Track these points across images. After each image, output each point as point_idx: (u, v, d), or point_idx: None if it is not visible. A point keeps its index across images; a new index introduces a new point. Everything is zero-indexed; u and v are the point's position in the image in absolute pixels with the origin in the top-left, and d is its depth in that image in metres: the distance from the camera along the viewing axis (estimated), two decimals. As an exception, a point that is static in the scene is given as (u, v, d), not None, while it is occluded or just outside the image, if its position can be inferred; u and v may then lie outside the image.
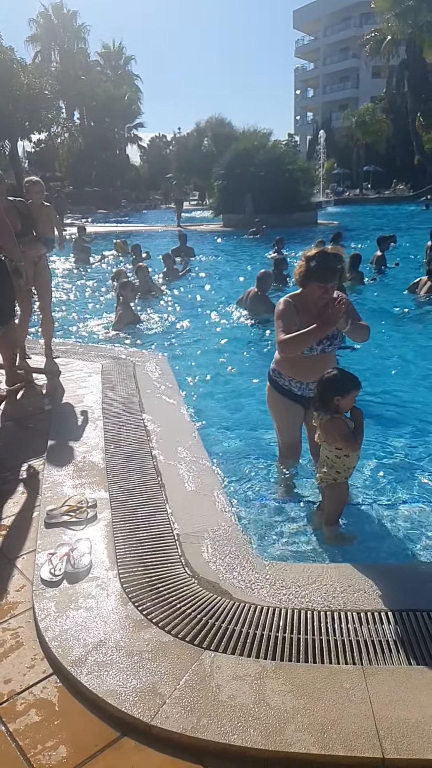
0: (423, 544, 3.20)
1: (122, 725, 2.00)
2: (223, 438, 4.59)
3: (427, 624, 2.39)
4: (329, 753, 1.86)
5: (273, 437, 4.35)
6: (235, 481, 3.91)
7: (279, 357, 3.58)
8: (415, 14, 38.17)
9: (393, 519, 3.44)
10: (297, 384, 3.51)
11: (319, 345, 3.37)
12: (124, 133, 53.17)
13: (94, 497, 3.39)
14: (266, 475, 3.96)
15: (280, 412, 3.70)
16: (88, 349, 6.80)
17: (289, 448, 3.83)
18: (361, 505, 3.57)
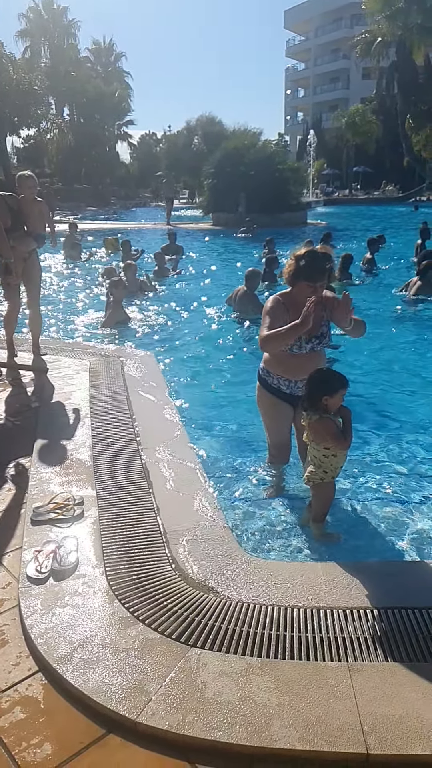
0: (408, 542, 3.23)
1: (108, 722, 2.00)
2: (212, 437, 4.59)
3: (411, 621, 2.41)
4: (314, 749, 1.87)
5: (262, 436, 4.35)
6: (223, 479, 3.92)
7: (267, 355, 3.59)
8: (406, 16, 38.37)
9: (379, 517, 3.46)
10: (286, 382, 3.52)
11: (308, 343, 3.38)
12: (114, 130, 52.89)
13: (81, 495, 3.38)
14: (254, 474, 3.97)
15: (269, 411, 3.71)
16: (76, 347, 6.78)
17: (278, 447, 3.83)
18: (347, 504, 3.58)
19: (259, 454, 4.20)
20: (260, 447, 4.26)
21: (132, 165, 59.51)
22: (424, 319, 8.64)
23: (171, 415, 4.62)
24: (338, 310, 3.23)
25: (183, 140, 45.23)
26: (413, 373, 6.25)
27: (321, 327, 3.40)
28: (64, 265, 14.51)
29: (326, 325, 3.43)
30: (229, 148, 25.32)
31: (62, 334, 8.08)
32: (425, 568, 2.86)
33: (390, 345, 7.27)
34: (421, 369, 6.39)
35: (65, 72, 46.84)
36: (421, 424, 4.88)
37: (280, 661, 2.23)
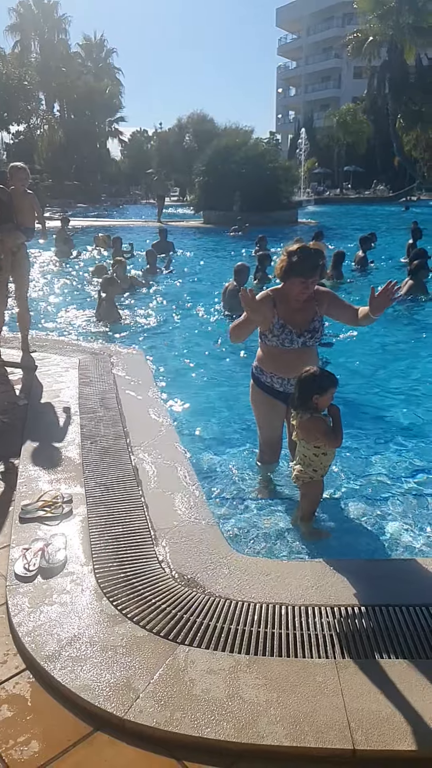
0: (396, 540, 3.25)
1: (96, 720, 2.00)
2: (201, 434, 4.60)
3: (398, 618, 2.43)
4: (301, 745, 1.88)
5: (251, 435, 4.37)
6: (212, 477, 3.93)
7: (260, 353, 3.60)
8: (397, 16, 38.46)
9: (368, 515, 3.48)
10: (279, 380, 3.52)
11: (300, 338, 3.39)
12: (104, 127, 52.64)
13: (70, 492, 3.37)
14: (244, 473, 3.98)
15: (262, 408, 3.70)
16: (66, 344, 6.75)
17: (269, 445, 3.83)
18: (336, 502, 3.60)
19: (248, 452, 4.21)
20: (250, 445, 4.28)
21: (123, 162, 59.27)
22: (415, 318, 8.69)
23: (160, 413, 4.62)
24: (381, 296, 3.18)
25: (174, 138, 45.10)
26: (405, 373, 6.29)
27: (312, 322, 3.41)
28: (54, 262, 14.42)
29: (319, 320, 3.44)
30: (220, 146, 25.28)
31: (52, 331, 8.03)
32: (413, 566, 2.88)
33: (382, 344, 7.31)
34: (412, 369, 6.42)
35: (55, 67, 46.56)
36: (410, 423, 4.92)
37: (268, 658, 2.24)
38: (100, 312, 8.28)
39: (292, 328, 3.38)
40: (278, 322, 3.39)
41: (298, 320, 3.39)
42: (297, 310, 3.39)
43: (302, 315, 3.40)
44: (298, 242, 3.47)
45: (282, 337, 3.39)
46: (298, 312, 3.39)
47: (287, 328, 3.38)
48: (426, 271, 9.76)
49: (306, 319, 3.40)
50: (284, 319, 3.38)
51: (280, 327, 3.39)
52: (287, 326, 3.38)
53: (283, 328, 3.38)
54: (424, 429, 4.78)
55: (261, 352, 3.60)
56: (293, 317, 3.39)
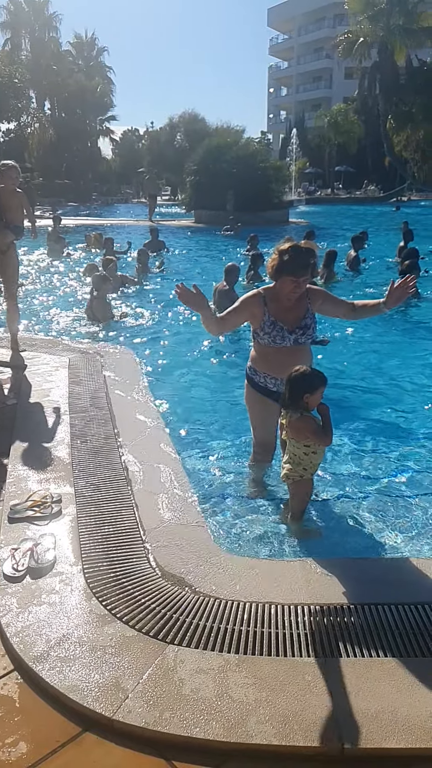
0: (385, 539, 3.26)
1: (84, 720, 2.00)
2: (192, 434, 4.59)
3: (387, 616, 2.44)
4: (290, 744, 1.88)
5: (242, 434, 4.38)
6: (203, 476, 3.92)
7: (253, 353, 3.60)
8: (388, 17, 38.63)
9: (357, 514, 3.49)
10: (272, 380, 3.51)
11: (291, 335, 3.39)
12: (95, 126, 52.47)
13: (59, 492, 3.35)
14: (234, 472, 3.97)
15: (256, 408, 3.68)
16: (56, 343, 6.72)
17: (263, 446, 3.80)
18: (326, 501, 3.61)
19: (239, 452, 4.21)
20: (241, 445, 4.28)
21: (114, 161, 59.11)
22: (405, 318, 8.72)
23: (151, 412, 4.61)
24: (399, 288, 3.29)
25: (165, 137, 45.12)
26: (393, 372, 6.30)
27: (304, 319, 3.41)
28: (46, 260, 14.36)
29: (311, 317, 3.44)
30: (211, 146, 25.28)
31: (41, 330, 7.99)
32: (402, 565, 2.89)
33: (371, 344, 7.33)
34: (401, 368, 6.44)
35: (46, 66, 46.31)
36: (399, 423, 4.94)
37: (258, 657, 2.24)
38: (93, 310, 8.24)
39: (283, 325, 3.38)
40: (269, 319, 3.39)
41: (289, 318, 3.40)
42: (289, 308, 3.40)
43: (294, 313, 3.41)
44: (289, 241, 3.48)
45: (273, 334, 3.40)
46: (289, 310, 3.40)
47: (278, 325, 3.38)
48: (417, 271, 9.79)
49: (298, 317, 3.41)
50: (275, 317, 3.39)
51: (271, 324, 3.39)
52: (278, 323, 3.38)
53: (274, 325, 3.39)
54: (414, 429, 4.80)
55: (254, 351, 3.60)
56: (285, 315, 3.40)
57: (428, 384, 5.86)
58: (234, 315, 3.50)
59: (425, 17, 38.62)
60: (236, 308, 3.50)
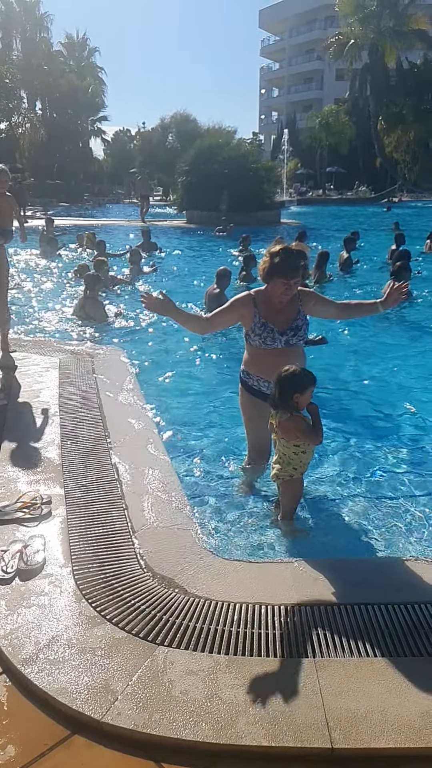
0: (375, 539, 3.27)
1: (73, 723, 1.99)
2: (183, 435, 4.58)
3: (377, 616, 2.44)
4: (279, 745, 1.88)
5: (233, 435, 4.38)
6: (194, 478, 3.92)
7: (246, 356, 3.59)
8: (378, 20, 38.83)
9: (347, 514, 3.50)
10: (265, 383, 3.48)
11: (282, 336, 3.39)
12: (87, 126, 52.35)
13: (49, 493, 3.34)
14: (225, 473, 3.97)
15: (250, 412, 3.65)
16: (46, 344, 6.69)
17: (257, 450, 3.76)
18: (316, 501, 3.61)
19: (230, 453, 4.21)
20: (232, 446, 4.29)
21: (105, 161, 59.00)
22: (395, 319, 8.75)
23: (142, 413, 4.60)
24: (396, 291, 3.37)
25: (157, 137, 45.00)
26: (383, 372, 6.32)
27: (295, 321, 3.41)
28: (37, 261, 14.30)
29: (302, 319, 3.45)
30: (203, 146, 25.30)
31: (32, 331, 7.96)
32: (392, 564, 2.91)
33: (361, 344, 7.34)
34: (391, 368, 6.46)
35: (37, 66, 46.13)
36: (389, 422, 4.95)
37: (248, 658, 2.24)
38: (85, 311, 8.22)
39: (273, 326, 3.39)
40: (259, 320, 3.40)
41: (280, 320, 3.40)
42: (280, 310, 3.40)
43: (285, 315, 3.41)
44: (280, 243, 3.49)
45: (264, 336, 3.40)
46: (280, 312, 3.40)
47: (269, 327, 3.39)
48: (408, 272, 9.83)
49: (289, 318, 3.41)
50: (266, 318, 3.39)
51: (261, 325, 3.40)
52: (269, 324, 3.39)
53: (265, 327, 3.39)
54: (403, 428, 4.81)
55: (247, 354, 3.60)
56: (275, 317, 3.40)
57: (417, 385, 5.88)
58: (223, 314, 3.51)
59: (415, 20, 38.87)
60: (226, 308, 3.51)
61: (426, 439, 4.59)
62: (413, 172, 42.14)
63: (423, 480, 3.91)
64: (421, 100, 39.23)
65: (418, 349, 7.20)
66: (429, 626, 2.38)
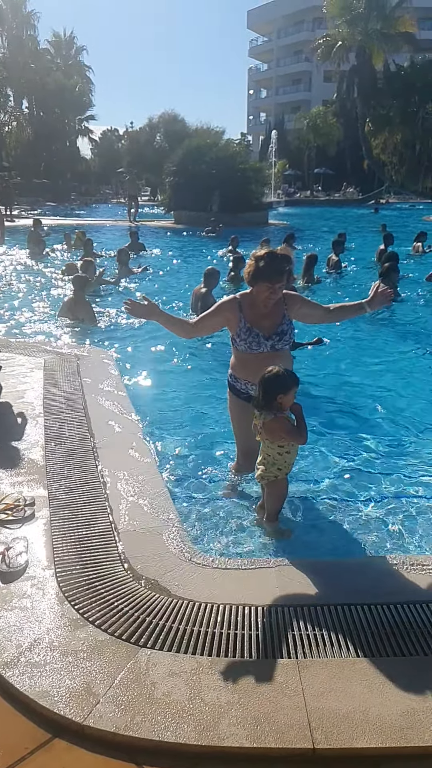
0: (359, 539, 3.28)
1: (54, 726, 1.97)
2: (168, 436, 4.57)
3: (360, 617, 2.45)
4: (261, 746, 1.89)
5: (219, 437, 4.38)
6: (178, 479, 3.91)
7: (233, 360, 3.59)
8: (365, 22, 39.01)
9: (331, 515, 3.51)
10: (253, 387, 3.47)
11: (268, 341, 3.39)
12: (74, 125, 52.06)
13: (33, 495, 3.32)
14: (210, 474, 3.97)
15: (238, 416, 3.63)
16: (31, 344, 6.65)
17: (245, 453, 3.74)
18: (301, 501, 3.62)
19: (215, 453, 4.21)
20: (218, 448, 4.29)
21: (93, 161, 58.71)
22: (383, 319, 8.80)
23: (127, 414, 4.58)
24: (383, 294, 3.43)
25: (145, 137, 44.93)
26: (370, 373, 6.36)
27: (281, 325, 3.41)
28: (24, 262, 14.21)
29: (287, 323, 3.45)
30: (191, 147, 25.27)
31: (18, 331, 7.90)
32: (376, 564, 2.92)
33: (349, 344, 7.37)
34: (378, 369, 6.49)
35: (24, 63, 45.78)
36: (374, 422, 4.97)
37: (231, 659, 2.24)
38: (73, 311, 8.19)
39: (258, 331, 3.38)
40: (245, 325, 3.39)
41: (265, 324, 3.40)
42: (265, 314, 3.40)
43: (270, 319, 3.41)
44: (266, 247, 3.49)
45: (249, 341, 3.39)
46: (266, 316, 3.40)
47: (254, 331, 3.38)
48: (396, 273, 9.88)
49: (274, 323, 3.41)
50: (251, 323, 3.39)
51: (247, 330, 3.39)
52: (254, 329, 3.38)
53: (250, 332, 3.39)
54: (389, 428, 4.84)
55: (234, 359, 3.59)
56: (261, 321, 3.40)
57: (403, 385, 5.92)
58: (208, 319, 3.50)
59: (402, 22, 39.12)
60: (211, 312, 3.50)
61: (411, 439, 4.62)
62: (400, 173, 42.41)
63: (407, 481, 3.94)
64: (408, 103, 39.51)
65: (404, 349, 7.25)
66: (411, 626, 2.39)
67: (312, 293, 9.89)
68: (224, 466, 4.04)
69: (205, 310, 3.61)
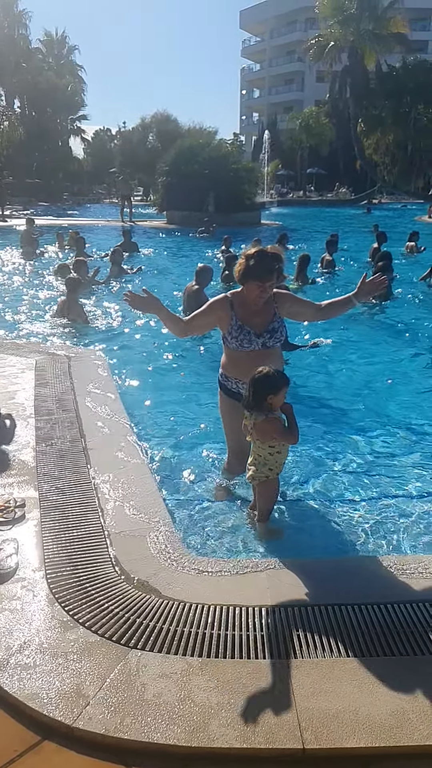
0: (351, 540, 3.29)
1: (44, 729, 1.97)
2: (160, 437, 4.56)
3: (351, 617, 2.46)
4: (251, 746, 1.88)
5: (211, 438, 4.37)
6: (170, 480, 3.90)
7: (224, 359, 3.58)
8: (357, 22, 39.13)
9: (323, 514, 3.52)
10: (244, 386, 3.46)
11: (259, 338, 3.39)
12: (66, 125, 51.92)
13: (23, 496, 3.31)
14: (201, 475, 3.97)
15: (229, 415, 3.62)
16: (22, 345, 6.62)
17: (236, 453, 3.72)
18: (291, 501, 3.62)
19: (206, 454, 4.21)
20: (209, 448, 4.28)
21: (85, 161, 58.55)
22: (377, 319, 8.83)
23: (119, 415, 4.57)
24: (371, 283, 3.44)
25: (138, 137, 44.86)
26: (362, 373, 6.37)
27: (272, 323, 3.42)
28: (17, 261, 14.15)
29: (278, 321, 3.45)
30: (183, 147, 25.27)
31: (9, 331, 7.87)
32: (366, 564, 2.92)
33: (344, 346, 7.37)
34: (371, 369, 6.51)
35: (16, 63, 45.59)
36: (365, 422, 4.98)
37: (221, 660, 2.24)
38: (65, 312, 8.16)
39: (250, 329, 3.39)
40: (236, 323, 3.39)
41: (257, 322, 3.40)
42: (256, 312, 3.40)
43: (261, 317, 3.41)
44: (257, 245, 3.49)
45: (240, 338, 3.40)
46: (257, 314, 3.41)
47: (245, 329, 3.39)
48: (390, 272, 9.91)
49: (265, 321, 3.41)
50: (243, 320, 3.39)
51: (238, 328, 3.40)
52: (245, 327, 3.39)
53: (241, 329, 3.39)
54: (381, 428, 4.84)
55: (225, 357, 3.59)
56: (252, 319, 3.40)
57: (395, 385, 5.94)
58: (201, 317, 3.50)
59: (394, 23, 39.27)
60: (203, 310, 3.50)
61: (402, 440, 4.63)
62: (392, 174, 42.56)
63: (399, 481, 3.95)
64: (400, 103, 39.66)
65: (398, 349, 7.27)
66: (401, 626, 2.40)
67: (305, 294, 9.90)
68: (216, 466, 4.04)
69: (197, 308, 3.60)
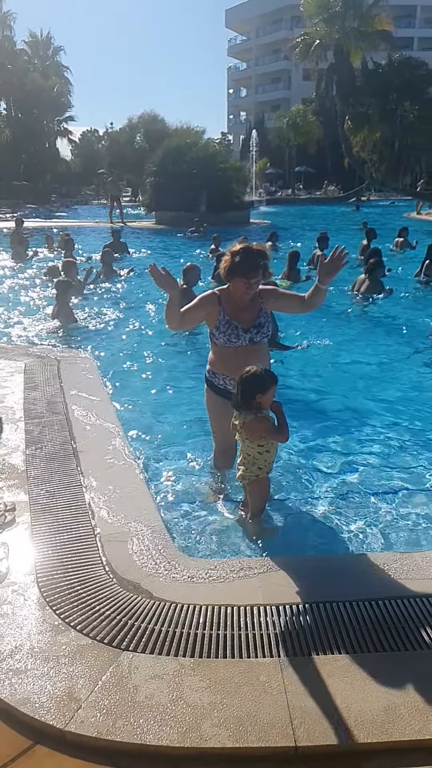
0: (342, 537, 3.30)
1: (35, 733, 1.97)
2: (150, 439, 4.55)
3: (342, 613, 2.47)
4: (244, 745, 1.89)
5: (201, 439, 4.37)
6: (160, 481, 3.90)
7: (211, 356, 3.59)
8: (342, 20, 39.14)
9: (314, 512, 3.53)
10: (231, 382, 3.47)
11: (247, 333, 3.40)
12: (53, 126, 51.68)
13: (13, 500, 3.29)
14: (191, 476, 3.96)
15: (216, 412, 3.63)
16: (11, 348, 6.60)
17: (223, 451, 3.76)
18: (282, 500, 3.63)
19: (198, 455, 4.20)
20: (199, 448, 4.27)
21: (73, 162, 58.33)
22: (370, 316, 8.86)
23: (109, 417, 4.56)
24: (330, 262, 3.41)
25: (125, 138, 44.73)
26: (354, 370, 6.39)
27: (258, 318, 3.43)
28: (7, 264, 14.08)
29: (265, 317, 3.47)
30: (171, 146, 25.22)
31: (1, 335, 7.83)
32: (357, 562, 2.94)
33: (336, 342, 7.38)
34: (363, 366, 6.52)
35: (1, 65, 45.36)
36: (356, 420, 4.99)
37: (213, 660, 2.24)
38: (56, 315, 8.14)
39: (238, 324, 3.40)
40: (224, 318, 3.41)
41: (244, 317, 3.42)
42: (243, 308, 3.42)
43: (248, 313, 3.43)
44: (243, 243, 3.49)
45: (228, 333, 3.41)
46: (244, 310, 3.43)
47: (233, 324, 3.40)
48: (382, 269, 9.95)
49: (252, 316, 3.44)
50: (230, 316, 3.41)
51: (226, 323, 3.41)
52: (233, 322, 3.40)
53: (229, 324, 3.40)
54: (371, 426, 4.86)
55: (212, 354, 3.60)
56: (239, 315, 3.42)
57: (389, 382, 5.95)
58: (191, 311, 3.49)
59: (379, 21, 39.29)
60: (194, 304, 3.50)
61: (391, 435, 4.65)
62: (380, 171, 42.54)
63: (389, 477, 3.97)
64: (386, 101, 39.66)
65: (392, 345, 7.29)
66: (392, 622, 2.41)
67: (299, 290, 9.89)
68: (205, 467, 4.04)
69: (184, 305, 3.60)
